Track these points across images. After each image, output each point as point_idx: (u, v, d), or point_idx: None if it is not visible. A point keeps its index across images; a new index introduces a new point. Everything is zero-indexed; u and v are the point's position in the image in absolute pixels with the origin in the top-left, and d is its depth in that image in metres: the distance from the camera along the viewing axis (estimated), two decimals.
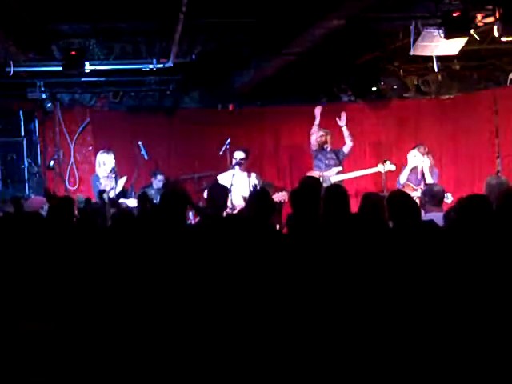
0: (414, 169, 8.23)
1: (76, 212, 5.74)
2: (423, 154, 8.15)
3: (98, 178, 7.86)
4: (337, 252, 3.14)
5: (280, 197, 7.04)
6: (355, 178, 9.04)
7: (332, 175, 8.45)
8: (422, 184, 7.96)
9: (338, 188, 5.21)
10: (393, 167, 8.43)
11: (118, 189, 7.72)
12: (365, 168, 9.03)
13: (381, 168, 8.43)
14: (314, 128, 8.71)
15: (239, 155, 7.84)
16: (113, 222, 4.15)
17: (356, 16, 6.31)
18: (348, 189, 8.70)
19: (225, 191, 6.05)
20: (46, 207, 6.22)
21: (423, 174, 8.14)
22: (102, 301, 2.92)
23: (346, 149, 8.69)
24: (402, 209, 4.56)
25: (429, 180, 7.95)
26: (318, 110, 8.78)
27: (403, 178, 8.21)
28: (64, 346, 2.54)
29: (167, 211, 4.93)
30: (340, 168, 8.60)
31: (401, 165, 8.49)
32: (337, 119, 8.73)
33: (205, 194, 7.49)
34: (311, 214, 4.27)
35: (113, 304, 2.91)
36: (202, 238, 3.61)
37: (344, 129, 8.69)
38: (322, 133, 8.65)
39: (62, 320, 2.66)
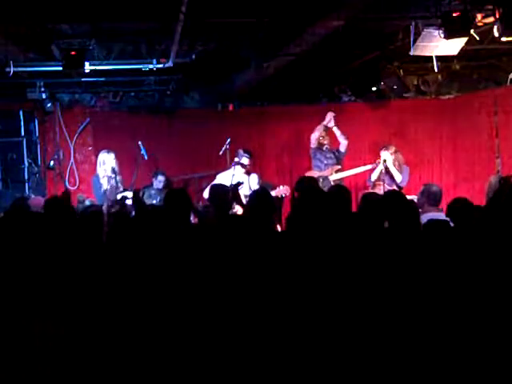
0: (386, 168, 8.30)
1: (76, 212, 5.74)
2: (391, 154, 8.24)
3: (98, 178, 7.87)
4: (337, 253, 3.14)
5: (281, 191, 7.01)
6: (354, 175, 9.03)
7: (331, 174, 8.44)
8: (395, 183, 8.16)
9: (341, 189, 5.18)
10: None
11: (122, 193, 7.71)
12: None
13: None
14: (320, 126, 8.67)
15: (245, 161, 7.83)
16: (110, 222, 4.14)
17: (356, 16, 6.31)
18: (346, 183, 8.70)
19: (226, 191, 6.04)
20: None
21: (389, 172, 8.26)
22: (105, 300, 2.93)
23: (342, 148, 8.66)
24: (401, 209, 4.55)
25: (397, 176, 8.15)
26: (329, 115, 8.67)
27: (374, 175, 8.29)
28: (67, 344, 2.54)
29: (172, 211, 4.92)
30: (339, 166, 8.60)
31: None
32: (325, 123, 8.65)
33: (205, 194, 7.49)
34: (310, 214, 4.26)
35: (115, 303, 2.91)
36: (202, 239, 3.62)
37: (335, 129, 8.63)
38: (323, 133, 8.64)
39: (65, 320, 2.67)
